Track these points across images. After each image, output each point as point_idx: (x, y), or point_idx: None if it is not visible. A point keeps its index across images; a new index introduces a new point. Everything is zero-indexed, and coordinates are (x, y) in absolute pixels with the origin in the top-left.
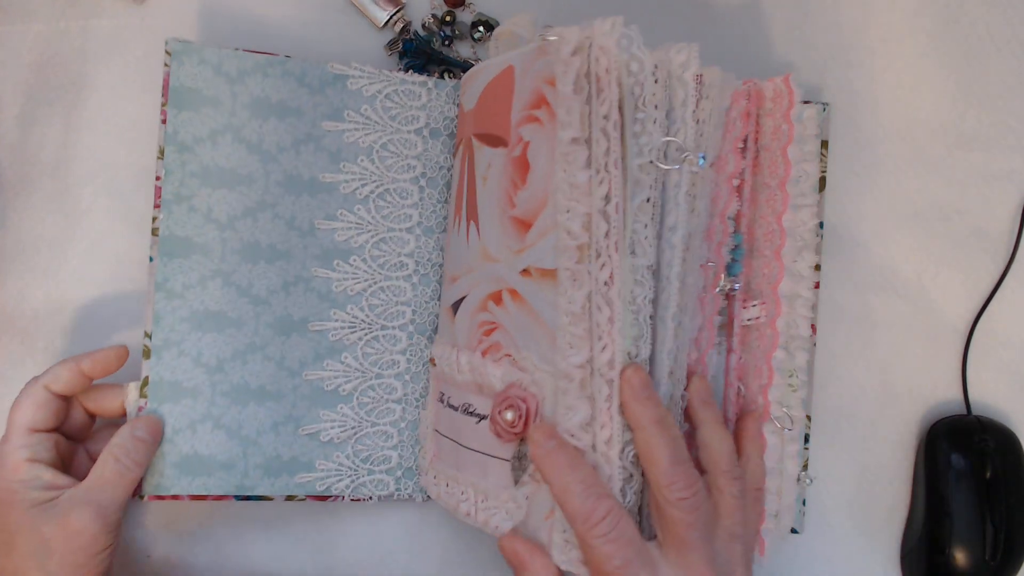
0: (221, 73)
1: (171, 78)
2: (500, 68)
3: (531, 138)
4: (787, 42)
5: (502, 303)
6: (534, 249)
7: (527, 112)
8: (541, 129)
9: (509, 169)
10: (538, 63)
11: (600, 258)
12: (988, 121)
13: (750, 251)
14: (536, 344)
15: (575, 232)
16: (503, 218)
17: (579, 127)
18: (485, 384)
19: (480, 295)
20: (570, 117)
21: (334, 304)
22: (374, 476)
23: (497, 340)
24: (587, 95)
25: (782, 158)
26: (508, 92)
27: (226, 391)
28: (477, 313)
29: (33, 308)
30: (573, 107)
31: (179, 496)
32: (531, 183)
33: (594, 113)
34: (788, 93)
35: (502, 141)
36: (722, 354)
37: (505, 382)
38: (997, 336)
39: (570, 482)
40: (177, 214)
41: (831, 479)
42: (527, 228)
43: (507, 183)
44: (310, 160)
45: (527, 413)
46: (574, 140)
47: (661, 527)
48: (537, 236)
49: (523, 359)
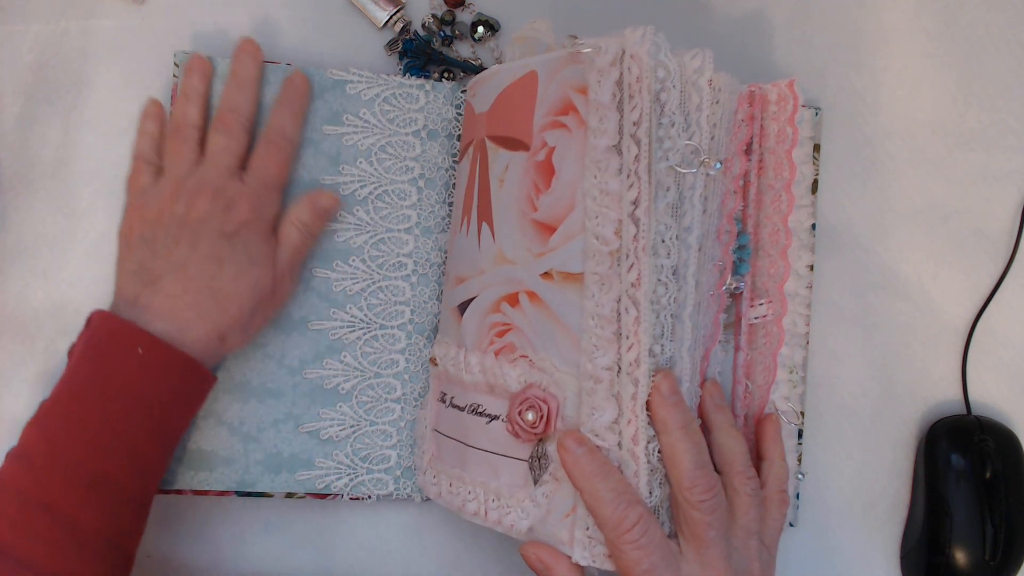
0: (225, 82)
1: (179, 88)
2: (521, 72)
3: (556, 143)
4: (787, 42)
5: (518, 305)
6: (557, 253)
7: (552, 118)
8: (568, 135)
9: (532, 173)
10: (566, 70)
11: (628, 260)
12: (988, 121)
13: (755, 251)
14: (556, 346)
15: (607, 238)
16: (523, 221)
17: (613, 135)
18: (498, 385)
19: (493, 297)
20: (604, 125)
21: (334, 304)
22: (373, 475)
23: (511, 341)
24: (619, 103)
25: (787, 161)
26: (530, 97)
27: (228, 388)
28: (489, 314)
29: (33, 308)
30: (608, 115)
31: (183, 491)
32: (556, 188)
33: (625, 120)
34: (792, 98)
35: (522, 145)
36: (729, 352)
37: (522, 383)
38: (997, 336)
39: (600, 489)
40: None
41: (831, 479)
42: (550, 232)
43: (529, 186)
44: (310, 163)
45: (548, 414)
46: (608, 148)
47: (681, 525)
48: (562, 240)
49: (541, 360)
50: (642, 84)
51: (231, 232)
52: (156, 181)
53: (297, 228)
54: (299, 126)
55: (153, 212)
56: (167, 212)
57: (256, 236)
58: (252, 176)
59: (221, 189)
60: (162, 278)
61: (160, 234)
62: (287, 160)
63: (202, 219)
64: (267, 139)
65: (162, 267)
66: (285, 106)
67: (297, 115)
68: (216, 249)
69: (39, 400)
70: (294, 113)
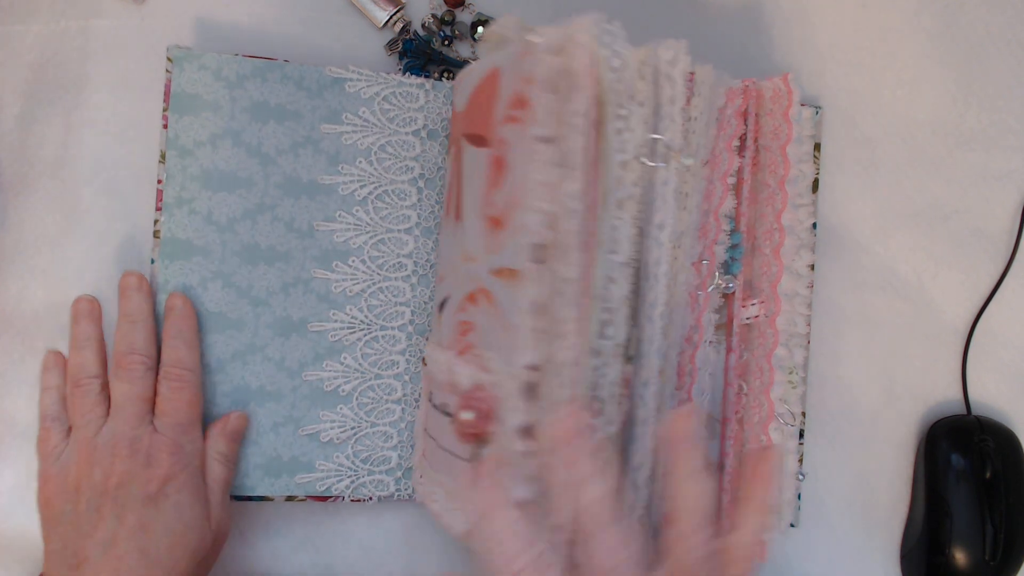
0: (221, 78)
1: (172, 84)
2: (487, 70)
3: (509, 138)
4: (787, 42)
5: (477, 303)
6: (505, 249)
7: (508, 112)
8: (520, 129)
9: (488, 169)
10: (521, 64)
11: (566, 255)
12: (988, 121)
13: (751, 250)
14: (499, 345)
15: (536, 231)
16: (480, 218)
17: (551, 125)
18: (456, 383)
19: (460, 295)
20: (541, 115)
21: (333, 305)
22: (374, 476)
23: (471, 340)
24: (563, 92)
25: (781, 157)
26: (493, 93)
27: (227, 392)
28: (457, 313)
29: (33, 308)
30: (548, 105)
31: None
32: (507, 183)
33: (568, 110)
34: (787, 93)
35: (485, 141)
36: (721, 353)
37: (471, 382)
38: (997, 336)
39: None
40: (178, 217)
41: (831, 479)
42: (502, 228)
43: (485, 183)
44: (309, 162)
45: (487, 414)
46: (542, 138)
47: None
48: (508, 236)
49: (488, 360)
50: (587, 72)
51: (156, 493)
52: (66, 440)
53: (219, 462)
54: (196, 352)
55: (71, 481)
56: (85, 481)
57: (185, 492)
58: (164, 421)
59: (135, 443)
60: (89, 560)
61: (81, 507)
62: (196, 392)
63: (123, 483)
64: (168, 377)
65: (88, 548)
66: (175, 336)
67: (190, 342)
68: (144, 518)
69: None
70: (187, 341)
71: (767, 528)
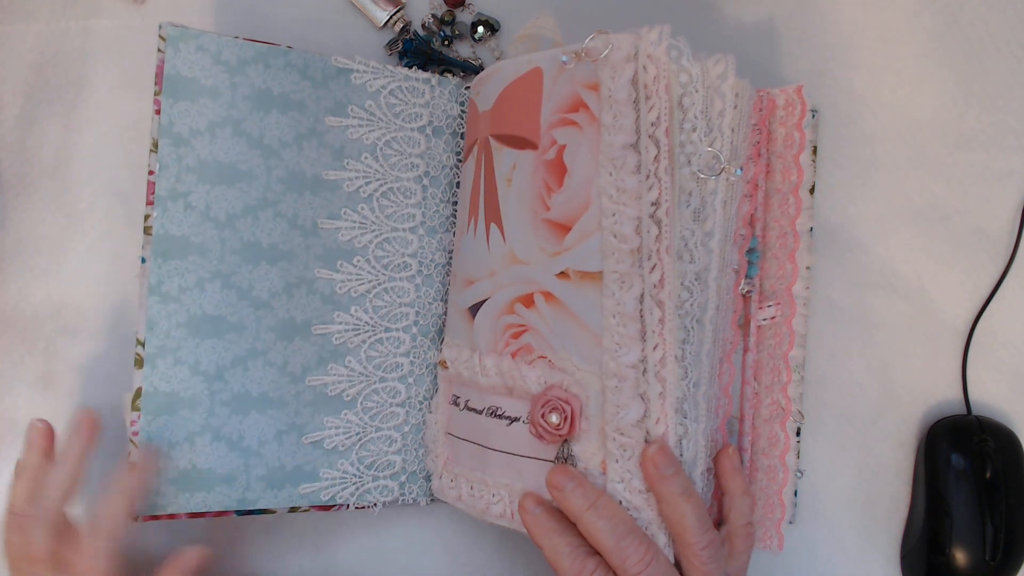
0: (220, 62)
1: (166, 65)
2: (524, 69)
3: (567, 141)
4: (787, 43)
5: (533, 306)
6: (573, 252)
7: (561, 115)
8: (579, 132)
9: (542, 172)
10: (576, 67)
11: (651, 260)
12: (988, 121)
13: (763, 254)
14: (576, 345)
15: (626, 235)
16: (535, 221)
17: (630, 133)
18: (517, 387)
19: (506, 298)
20: (620, 122)
21: (337, 306)
22: (379, 482)
23: (528, 342)
24: (634, 101)
25: (795, 165)
26: (536, 94)
27: (226, 400)
28: (502, 316)
29: (33, 308)
30: (624, 113)
31: (176, 515)
32: (569, 186)
33: (642, 119)
34: (800, 104)
35: (529, 143)
36: (738, 353)
37: (543, 384)
38: (997, 336)
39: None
40: (172, 211)
41: (831, 479)
42: (565, 231)
43: (539, 186)
44: (313, 156)
45: (572, 414)
46: (625, 145)
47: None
48: (578, 238)
49: (561, 360)
50: (660, 85)
51: None
52: None
53: None
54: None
55: None
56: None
57: None
58: None
59: None
60: None
61: None
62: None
63: None
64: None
65: None
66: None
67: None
68: None
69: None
70: None
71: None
